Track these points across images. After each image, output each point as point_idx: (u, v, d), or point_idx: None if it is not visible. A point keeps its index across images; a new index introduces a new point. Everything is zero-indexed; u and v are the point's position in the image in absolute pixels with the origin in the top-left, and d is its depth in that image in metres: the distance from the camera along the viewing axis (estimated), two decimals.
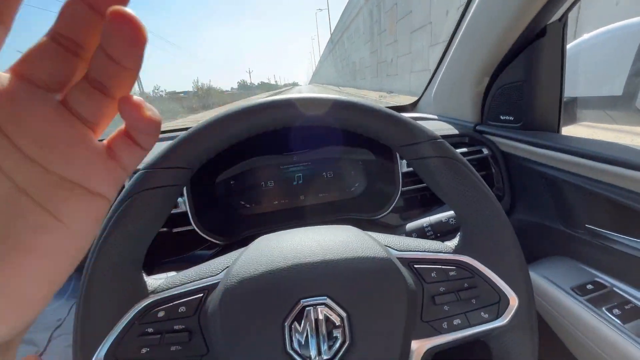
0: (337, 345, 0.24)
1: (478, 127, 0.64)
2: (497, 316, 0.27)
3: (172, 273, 0.30)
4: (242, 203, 0.64)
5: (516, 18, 0.47)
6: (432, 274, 0.28)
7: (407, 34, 7.08)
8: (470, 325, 0.27)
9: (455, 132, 0.64)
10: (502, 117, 0.59)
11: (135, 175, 0.26)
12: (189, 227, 0.52)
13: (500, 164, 0.60)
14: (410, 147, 0.29)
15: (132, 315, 0.25)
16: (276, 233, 0.30)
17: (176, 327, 0.25)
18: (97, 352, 0.24)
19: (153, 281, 0.28)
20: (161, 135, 0.85)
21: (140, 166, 0.26)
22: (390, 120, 0.29)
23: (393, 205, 0.55)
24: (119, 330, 0.25)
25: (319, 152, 0.65)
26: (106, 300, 0.25)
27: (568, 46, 0.50)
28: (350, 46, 14.82)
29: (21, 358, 0.47)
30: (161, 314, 0.26)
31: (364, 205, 0.61)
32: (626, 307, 0.40)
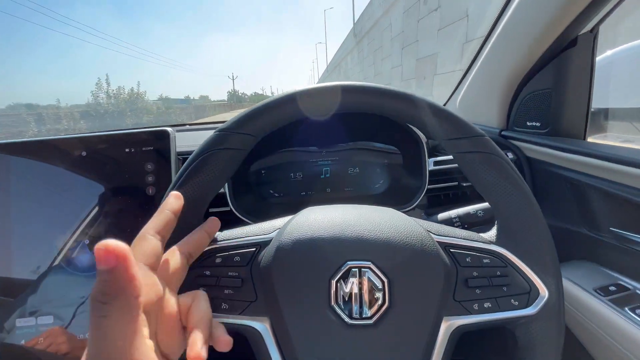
0: (377, 306, 0.27)
1: (503, 133, 0.66)
2: (527, 305, 0.28)
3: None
4: (272, 192, 0.67)
5: (548, 28, 0.49)
6: (467, 259, 0.29)
7: None
8: (499, 310, 0.28)
9: None
10: (528, 123, 0.61)
11: (211, 136, 0.30)
12: (226, 208, 0.55)
13: (525, 169, 0.62)
14: (456, 141, 0.31)
15: None
16: (323, 206, 0.33)
17: (230, 273, 0.29)
18: None
19: None
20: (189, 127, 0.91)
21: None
22: (440, 114, 0.31)
23: (419, 199, 0.57)
24: None
25: (347, 148, 0.68)
26: (173, 242, 0.28)
27: (601, 57, 0.52)
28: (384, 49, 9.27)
29: (48, 329, 0.50)
30: (218, 260, 0.29)
31: (389, 200, 0.64)
32: None
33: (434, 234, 0.30)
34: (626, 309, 0.42)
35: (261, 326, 0.27)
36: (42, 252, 0.51)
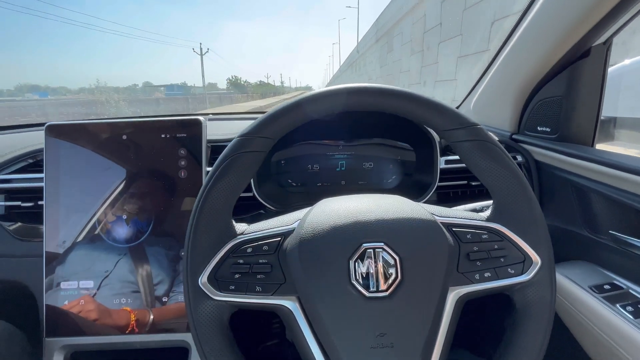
0: (391, 280, 0.31)
1: (514, 136, 0.68)
2: (522, 272, 0.32)
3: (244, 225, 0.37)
4: (290, 181, 0.71)
5: (563, 38, 0.52)
6: (468, 236, 0.33)
7: None
8: (498, 278, 0.32)
9: None
10: (539, 128, 0.64)
11: (234, 140, 0.34)
12: (249, 194, 0.60)
13: (532, 171, 0.64)
14: (452, 132, 0.34)
15: (226, 249, 0.33)
16: (337, 197, 0.37)
17: (261, 260, 0.33)
18: (201, 275, 0.32)
19: (240, 226, 0.35)
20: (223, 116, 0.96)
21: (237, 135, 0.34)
22: (437, 108, 0.34)
23: (429, 195, 0.61)
24: (217, 260, 0.32)
25: (363, 143, 0.72)
26: (208, 238, 0.33)
27: (614, 67, 0.55)
28: None
29: (80, 297, 0.57)
30: (249, 250, 0.33)
31: (400, 195, 0.67)
32: (639, 305, 0.44)
33: (437, 215, 0.34)
34: (617, 305, 0.45)
35: (291, 304, 0.32)
36: (82, 225, 0.57)
